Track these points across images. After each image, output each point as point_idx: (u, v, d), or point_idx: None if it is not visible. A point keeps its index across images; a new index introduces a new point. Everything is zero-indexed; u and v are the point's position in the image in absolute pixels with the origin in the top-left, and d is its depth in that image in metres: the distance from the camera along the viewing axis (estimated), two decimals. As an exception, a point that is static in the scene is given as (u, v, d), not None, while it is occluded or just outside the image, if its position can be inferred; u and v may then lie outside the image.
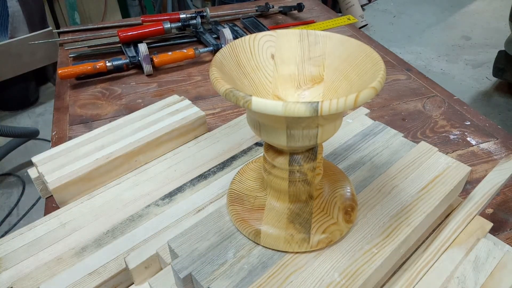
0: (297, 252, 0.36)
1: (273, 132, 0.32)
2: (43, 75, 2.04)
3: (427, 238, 0.43)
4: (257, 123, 0.32)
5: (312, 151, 0.35)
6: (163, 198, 0.48)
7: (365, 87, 0.28)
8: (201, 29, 0.96)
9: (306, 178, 0.36)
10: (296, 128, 0.30)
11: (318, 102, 0.26)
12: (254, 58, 0.36)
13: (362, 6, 2.58)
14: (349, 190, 0.40)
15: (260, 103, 0.26)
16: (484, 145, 0.64)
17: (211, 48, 0.89)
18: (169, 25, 0.92)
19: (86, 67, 0.81)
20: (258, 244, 0.37)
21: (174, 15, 0.97)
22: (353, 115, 0.55)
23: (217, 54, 0.34)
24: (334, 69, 0.36)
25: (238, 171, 0.43)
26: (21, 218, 1.42)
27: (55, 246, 0.44)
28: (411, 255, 0.41)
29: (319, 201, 0.38)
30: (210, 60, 0.90)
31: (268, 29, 1.01)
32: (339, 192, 0.39)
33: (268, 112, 0.26)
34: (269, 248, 0.36)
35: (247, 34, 0.95)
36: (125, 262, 0.40)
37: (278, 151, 0.35)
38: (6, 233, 1.37)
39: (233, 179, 0.42)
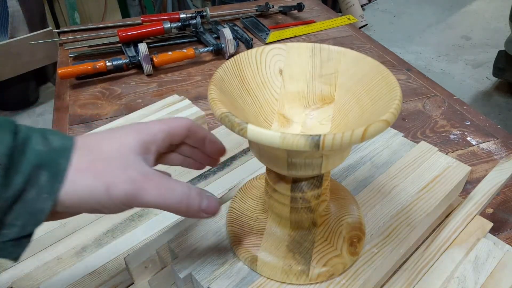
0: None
1: (273, 159, 0.29)
2: (43, 75, 2.04)
3: (427, 238, 0.43)
4: (257, 146, 0.30)
5: (317, 178, 0.33)
6: (163, 198, 0.48)
7: (377, 116, 0.26)
8: (201, 29, 0.96)
9: (310, 206, 0.33)
10: (298, 157, 0.28)
11: (320, 135, 0.24)
12: (260, 73, 0.34)
13: (362, 6, 2.58)
14: (357, 218, 0.37)
15: (256, 132, 0.24)
16: (484, 145, 0.64)
17: (211, 48, 0.89)
18: (169, 25, 0.92)
19: (86, 67, 0.81)
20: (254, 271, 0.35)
21: (174, 15, 0.97)
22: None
23: (218, 69, 0.31)
24: (347, 89, 0.33)
25: (241, 188, 0.41)
26: (21, 218, 1.42)
27: (55, 246, 0.44)
28: (411, 255, 0.41)
29: (323, 229, 0.36)
30: (210, 60, 0.90)
31: (268, 29, 1.01)
32: (345, 219, 0.36)
33: (264, 143, 0.24)
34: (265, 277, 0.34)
35: (247, 34, 0.95)
36: (125, 262, 0.40)
37: (280, 175, 0.33)
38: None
39: (234, 196, 0.40)
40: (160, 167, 0.33)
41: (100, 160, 0.26)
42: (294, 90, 0.34)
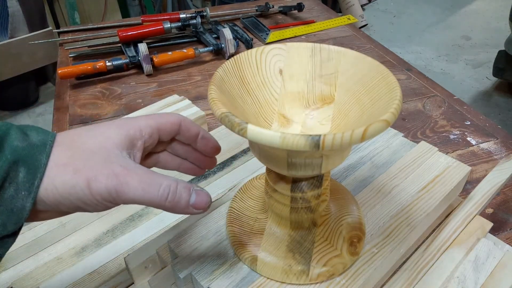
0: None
1: (273, 159, 0.29)
2: (43, 75, 2.04)
3: (427, 238, 0.43)
4: (257, 146, 0.30)
5: (317, 178, 0.33)
6: (163, 198, 0.48)
7: (377, 116, 0.26)
8: (201, 29, 0.96)
9: (310, 206, 0.33)
10: (298, 157, 0.28)
11: (320, 136, 0.23)
12: (260, 73, 0.34)
13: (362, 6, 2.58)
14: (357, 218, 0.37)
15: (256, 132, 0.24)
16: (484, 145, 0.64)
17: (211, 48, 0.89)
18: (169, 25, 0.92)
19: (86, 67, 0.81)
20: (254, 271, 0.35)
21: (174, 15, 0.97)
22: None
23: (218, 69, 0.31)
24: (347, 89, 0.33)
25: (241, 188, 0.41)
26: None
27: (55, 246, 0.44)
28: (411, 255, 0.41)
29: (323, 229, 0.35)
30: (210, 60, 0.90)
31: (268, 29, 1.01)
32: (345, 219, 0.36)
33: (264, 143, 0.24)
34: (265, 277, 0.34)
35: (247, 34, 0.95)
36: (125, 262, 0.40)
37: (280, 175, 0.33)
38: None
39: (234, 196, 0.40)
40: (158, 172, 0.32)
41: (81, 155, 0.25)
42: (294, 90, 0.34)
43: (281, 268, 0.33)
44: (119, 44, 0.93)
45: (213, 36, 0.95)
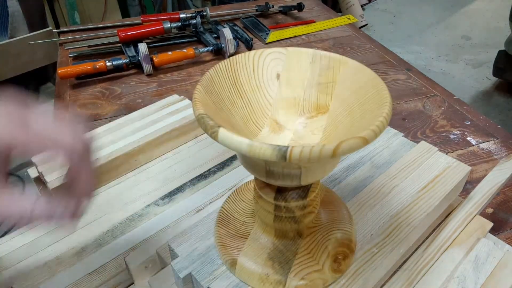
0: None
1: (253, 165, 0.29)
2: (43, 75, 2.04)
3: (427, 238, 0.43)
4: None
5: (303, 188, 0.32)
6: (163, 198, 0.48)
7: (361, 130, 0.25)
8: (201, 29, 0.96)
9: (294, 216, 0.32)
10: (275, 166, 0.27)
11: (287, 147, 0.23)
12: (256, 76, 0.33)
13: (362, 5, 2.58)
14: (347, 235, 0.36)
15: (226, 137, 0.24)
16: (484, 145, 0.64)
17: (211, 47, 0.89)
18: (169, 25, 0.92)
19: (86, 67, 0.81)
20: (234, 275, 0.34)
21: (174, 15, 0.97)
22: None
23: (210, 70, 0.31)
24: (342, 100, 0.32)
25: (236, 189, 0.41)
26: (21, 218, 1.42)
27: (55, 246, 0.44)
28: (411, 255, 0.41)
29: (309, 241, 0.34)
30: (210, 60, 0.90)
31: (268, 29, 1.01)
32: (334, 234, 0.35)
33: (232, 148, 0.24)
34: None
35: (247, 34, 0.95)
36: (125, 262, 0.40)
37: (266, 182, 0.32)
38: (6, 233, 1.37)
39: (228, 197, 0.40)
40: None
41: None
42: (290, 96, 0.34)
43: (258, 275, 0.33)
44: (119, 44, 0.93)
45: (213, 36, 0.95)
